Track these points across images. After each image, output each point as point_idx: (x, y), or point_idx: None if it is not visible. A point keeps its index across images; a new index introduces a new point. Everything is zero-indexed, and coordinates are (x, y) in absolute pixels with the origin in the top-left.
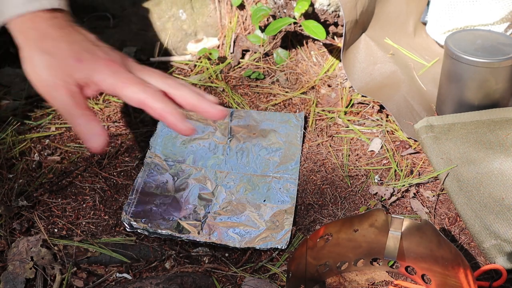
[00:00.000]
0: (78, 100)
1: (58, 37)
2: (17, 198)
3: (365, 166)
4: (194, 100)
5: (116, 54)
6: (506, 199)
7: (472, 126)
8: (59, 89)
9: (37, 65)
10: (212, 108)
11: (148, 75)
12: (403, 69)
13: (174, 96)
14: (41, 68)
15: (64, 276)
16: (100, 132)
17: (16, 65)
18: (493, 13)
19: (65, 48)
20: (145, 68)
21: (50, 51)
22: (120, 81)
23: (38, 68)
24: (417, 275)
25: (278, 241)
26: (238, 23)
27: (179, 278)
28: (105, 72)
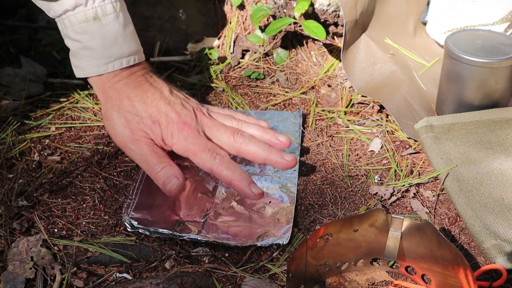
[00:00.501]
0: (156, 150)
1: (134, 97)
2: (17, 198)
3: (365, 166)
4: (263, 154)
5: (189, 110)
6: (506, 199)
7: (472, 126)
8: (137, 142)
9: (116, 123)
10: (282, 159)
11: (219, 132)
12: (403, 69)
13: (244, 154)
14: (120, 126)
15: (64, 276)
16: (176, 175)
17: (16, 65)
18: (493, 13)
19: (141, 110)
20: (215, 124)
21: (127, 111)
22: (191, 147)
23: (117, 126)
24: (417, 275)
25: (280, 237)
26: (238, 23)
27: (179, 278)
28: (177, 136)
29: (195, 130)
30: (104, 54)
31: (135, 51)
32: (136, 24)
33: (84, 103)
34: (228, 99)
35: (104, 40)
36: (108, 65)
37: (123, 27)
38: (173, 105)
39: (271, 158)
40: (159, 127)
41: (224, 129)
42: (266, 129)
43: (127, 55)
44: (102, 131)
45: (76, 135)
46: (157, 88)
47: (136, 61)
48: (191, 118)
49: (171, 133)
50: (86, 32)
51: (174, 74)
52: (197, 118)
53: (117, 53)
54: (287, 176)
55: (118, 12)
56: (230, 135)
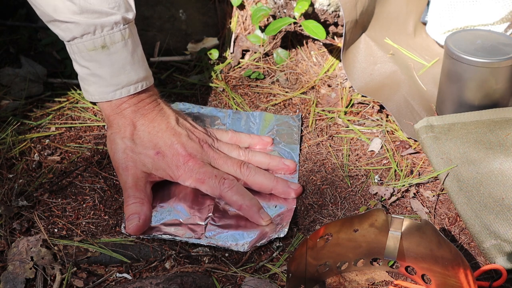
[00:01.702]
0: (139, 183)
1: (140, 126)
2: (17, 198)
3: (365, 166)
4: (269, 185)
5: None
6: (506, 199)
7: (472, 126)
8: (128, 170)
9: (118, 147)
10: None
11: (225, 165)
12: (403, 69)
13: (250, 186)
14: (120, 150)
15: (64, 276)
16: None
17: (16, 65)
18: (493, 13)
19: (146, 139)
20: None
21: (131, 138)
22: (197, 176)
23: (116, 150)
24: (417, 275)
25: (277, 231)
26: (238, 23)
27: (179, 278)
28: (183, 169)
29: (200, 161)
30: (112, 82)
31: (143, 78)
32: (136, 24)
33: (84, 103)
34: (228, 99)
35: (112, 68)
36: (116, 92)
37: (132, 54)
38: (178, 137)
39: (278, 189)
40: (163, 159)
41: (231, 162)
42: (272, 156)
43: (135, 82)
44: (102, 131)
45: (76, 135)
46: (164, 117)
47: (144, 87)
48: (196, 151)
49: (176, 165)
50: (94, 60)
51: (174, 74)
52: (203, 150)
53: (125, 81)
54: (288, 177)
55: (127, 40)
56: (237, 168)
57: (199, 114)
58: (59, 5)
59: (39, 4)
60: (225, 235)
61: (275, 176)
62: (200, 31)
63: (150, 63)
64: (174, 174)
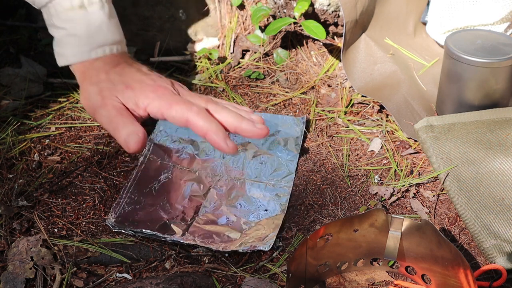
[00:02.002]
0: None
1: (110, 70)
2: (17, 198)
3: (365, 166)
4: (235, 122)
5: (164, 80)
6: (506, 199)
7: (472, 126)
8: (106, 106)
9: (90, 93)
10: (253, 127)
11: (193, 99)
12: (403, 69)
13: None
14: (93, 95)
15: (64, 276)
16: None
17: (16, 65)
18: (493, 13)
19: (115, 78)
20: (190, 93)
21: (102, 81)
22: (165, 103)
23: (90, 96)
24: (417, 275)
25: (262, 243)
26: (238, 23)
27: (179, 278)
28: (151, 96)
29: (171, 91)
30: (88, 41)
31: (118, 41)
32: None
33: None
34: (228, 99)
35: (88, 27)
36: (91, 52)
37: (108, 17)
38: (148, 75)
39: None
40: (133, 91)
41: (199, 96)
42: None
43: (110, 43)
44: (102, 131)
45: (76, 135)
46: (135, 66)
47: (119, 50)
48: (166, 84)
49: (146, 95)
50: (71, 20)
51: (174, 74)
52: (173, 85)
53: (101, 41)
54: (281, 185)
55: (104, 3)
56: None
57: None
58: None
59: None
60: (207, 235)
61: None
62: (200, 31)
63: (150, 63)
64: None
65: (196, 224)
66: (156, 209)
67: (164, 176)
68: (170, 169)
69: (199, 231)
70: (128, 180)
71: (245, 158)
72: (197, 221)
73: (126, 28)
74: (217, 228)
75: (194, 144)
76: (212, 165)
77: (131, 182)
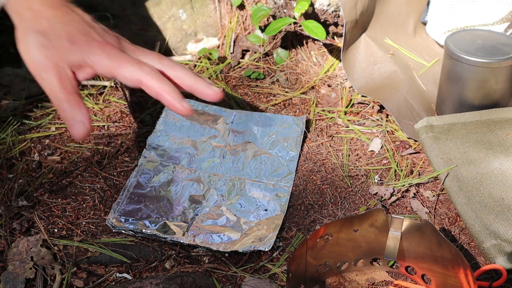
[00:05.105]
0: (66, 84)
1: (52, 18)
2: (17, 198)
3: (365, 166)
4: (190, 80)
5: (111, 35)
6: (506, 199)
7: (472, 126)
8: (49, 70)
9: (30, 45)
10: (208, 89)
11: (143, 56)
12: (403, 69)
13: (170, 77)
14: (34, 48)
15: (64, 276)
16: (83, 120)
17: (16, 65)
18: (493, 13)
19: (59, 29)
20: (139, 49)
21: (44, 31)
22: (115, 61)
23: (30, 48)
24: (417, 275)
25: (262, 244)
26: (238, 23)
27: (179, 278)
28: (99, 53)
29: (118, 48)
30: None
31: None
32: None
33: None
34: (228, 99)
35: None
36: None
37: None
38: (94, 28)
39: (198, 85)
40: (79, 47)
41: (149, 53)
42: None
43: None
44: (102, 131)
45: None
46: (78, 13)
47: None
48: (113, 40)
49: (92, 51)
50: None
51: None
52: (120, 42)
53: None
54: (281, 185)
55: None
56: (156, 59)
57: (203, 111)
58: None
59: None
60: (207, 235)
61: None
62: (200, 31)
63: None
64: (90, 61)
65: (196, 224)
66: (156, 209)
67: (164, 176)
68: (170, 169)
69: (199, 231)
70: (128, 180)
71: (245, 158)
72: (197, 221)
73: (126, 28)
74: (217, 228)
75: (194, 144)
76: (212, 165)
77: (131, 182)
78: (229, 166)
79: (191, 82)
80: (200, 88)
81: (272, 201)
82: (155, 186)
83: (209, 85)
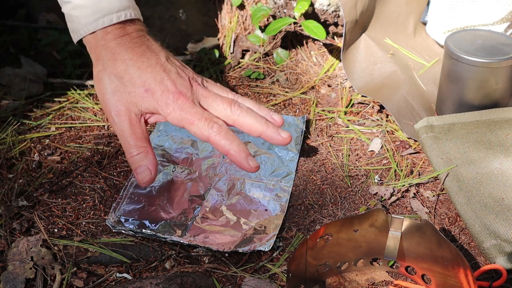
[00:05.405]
0: (137, 129)
1: (128, 61)
2: (17, 198)
3: (365, 166)
4: (260, 128)
5: (184, 80)
6: (506, 199)
7: (472, 126)
8: (121, 115)
9: (105, 87)
10: (277, 135)
11: (215, 103)
12: (403, 69)
13: (240, 126)
14: (109, 90)
15: (64, 276)
16: (149, 167)
17: (16, 65)
18: (493, 13)
19: (135, 76)
20: (212, 95)
21: (120, 75)
22: (187, 116)
23: (105, 90)
24: (417, 275)
25: (262, 244)
26: (238, 23)
27: (179, 278)
28: (172, 106)
29: (191, 100)
30: (94, 10)
31: (126, 7)
32: None
33: (84, 103)
34: None
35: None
36: (98, 21)
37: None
38: (168, 73)
39: (268, 132)
40: (153, 96)
41: (221, 99)
42: (261, 106)
43: (117, 10)
44: (102, 131)
45: (76, 135)
46: (154, 52)
47: (127, 17)
48: (186, 88)
49: (166, 103)
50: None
51: None
52: (193, 89)
53: (106, 8)
54: (281, 185)
55: None
56: (227, 106)
57: None
58: None
59: None
60: (207, 235)
61: (266, 120)
62: (200, 31)
63: None
64: (164, 112)
65: (196, 224)
66: (156, 209)
67: (164, 176)
68: (170, 169)
69: (199, 231)
70: (128, 180)
71: None
72: (197, 221)
73: None
74: (217, 228)
75: (194, 144)
76: (212, 165)
77: (131, 182)
78: (229, 166)
79: (262, 129)
80: (269, 135)
81: (272, 201)
82: (155, 186)
83: (278, 131)
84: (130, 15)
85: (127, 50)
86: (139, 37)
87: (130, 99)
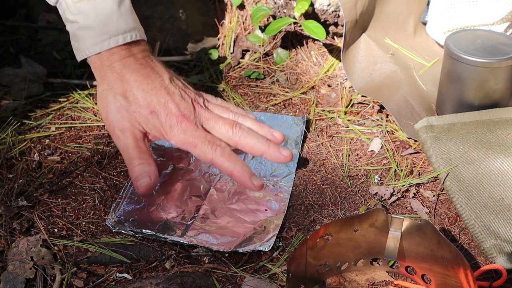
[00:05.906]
0: (140, 144)
1: (133, 83)
2: (17, 198)
3: (365, 166)
4: (261, 148)
5: (188, 102)
6: (506, 199)
7: (472, 126)
8: (125, 131)
9: (110, 105)
10: (279, 154)
11: (217, 125)
12: (403, 69)
13: (242, 147)
14: (113, 108)
15: (64, 276)
16: (149, 174)
17: (16, 65)
18: (493, 13)
19: (140, 97)
20: (213, 117)
21: (125, 95)
22: (190, 139)
23: (110, 109)
24: (417, 275)
25: (262, 244)
26: (238, 23)
27: (179, 278)
28: (176, 129)
29: (194, 123)
30: (100, 31)
31: (132, 28)
32: None
33: (84, 103)
34: (228, 99)
35: (98, 17)
36: (104, 42)
37: (118, 4)
38: (172, 96)
39: (269, 152)
40: (157, 119)
41: (222, 121)
42: (261, 124)
43: (123, 32)
44: (102, 131)
45: (76, 135)
46: (158, 74)
47: (133, 38)
48: (189, 111)
49: (170, 125)
50: (81, 12)
51: None
52: (195, 111)
53: (113, 30)
54: (281, 185)
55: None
56: (228, 128)
57: None
58: None
59: None
60: (207, 235)
61: (267, 140)
62: (200, 31)
63: None
64: (167, 134)
65: (196, 224)
66: (156, 209)
67: (164, 176)
68: (170, 169)
69: (199, 231)
70: (128, 180)
71: (245, 158)
72: (197, 221)
73: None
74: (217, 228)
75: None
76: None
77: (131, 182)
78: None
79: (263, 150)
80: (271, 155)
81: (272, 201)
82: (155, 186)
83: (279, 150)
84: (135, 37)
85: (132, 72)
86: (144, 58)
87: (135, 117)
